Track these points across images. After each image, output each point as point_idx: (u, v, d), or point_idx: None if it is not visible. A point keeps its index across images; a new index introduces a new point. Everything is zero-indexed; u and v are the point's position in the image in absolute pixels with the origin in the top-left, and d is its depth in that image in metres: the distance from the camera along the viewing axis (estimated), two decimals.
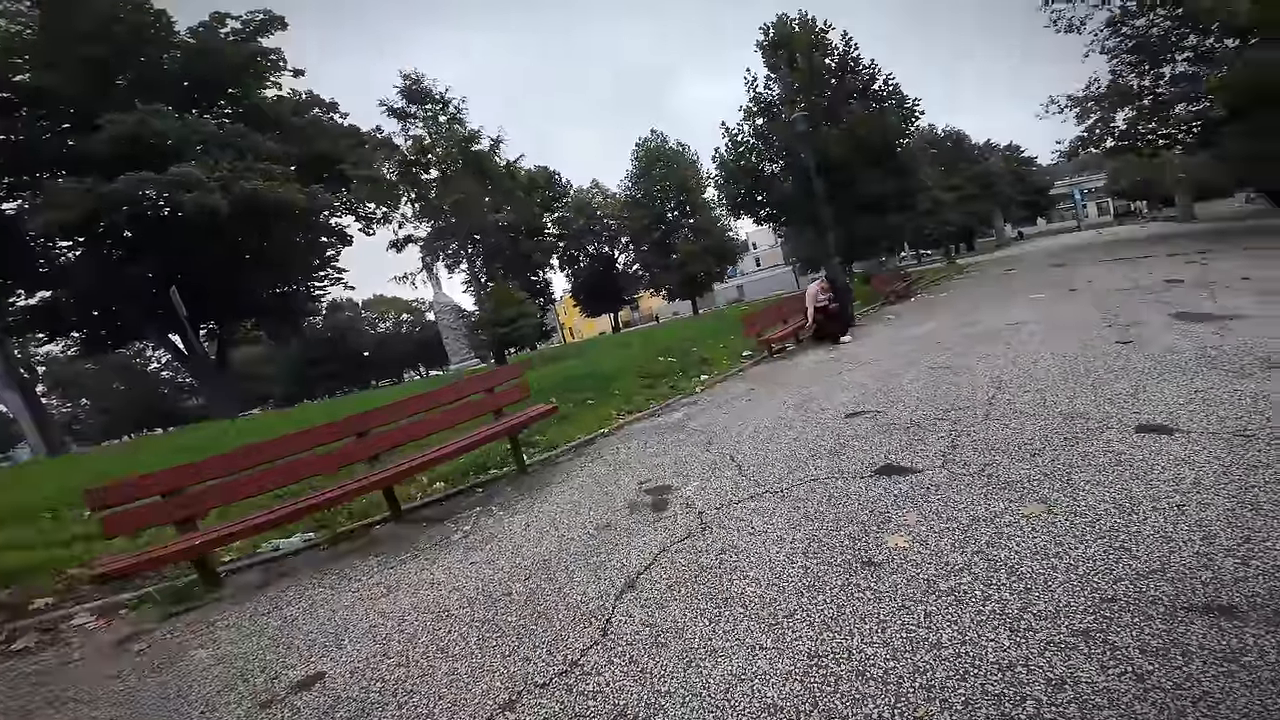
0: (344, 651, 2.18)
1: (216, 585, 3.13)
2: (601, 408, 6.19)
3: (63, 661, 2.57)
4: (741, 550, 2.32)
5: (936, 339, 6.62)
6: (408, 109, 19.54)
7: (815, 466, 3.12)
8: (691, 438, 4.36)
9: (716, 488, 3.12)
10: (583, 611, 2.11)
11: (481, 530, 3.29)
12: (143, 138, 17.57)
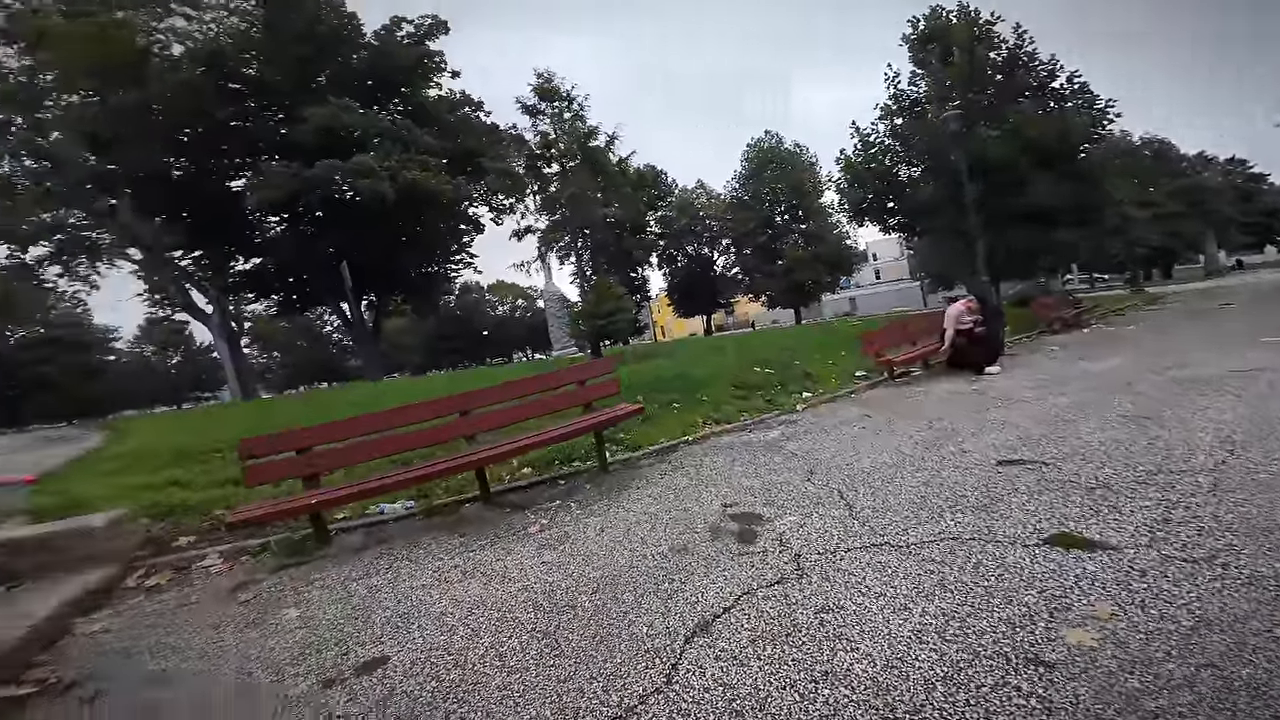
0: (411, 636, 2.16)
1: (326, 542, 3.39)
2: (687, 413, 5.89)
3: (180, 603, 2.80)
4: (849, 613, 1.91)
5: (1125, 380, 5.31)
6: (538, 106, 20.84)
7: (955, 521, 2.56)
8: (789, 462, 3.92)
9: (819, 528, 2.70)
10: (648, 646, 1.87)
11: (558, 526, 3.21)
12: (335, 129, 20.66)
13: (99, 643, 2.41)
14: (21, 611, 2.54)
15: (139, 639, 2.41)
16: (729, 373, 7.98)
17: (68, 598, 2.73)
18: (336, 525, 3.65)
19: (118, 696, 1.93)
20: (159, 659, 2.21)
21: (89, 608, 2.78)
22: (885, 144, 18.75)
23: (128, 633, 2.50)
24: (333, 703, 1.78)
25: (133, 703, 1.88)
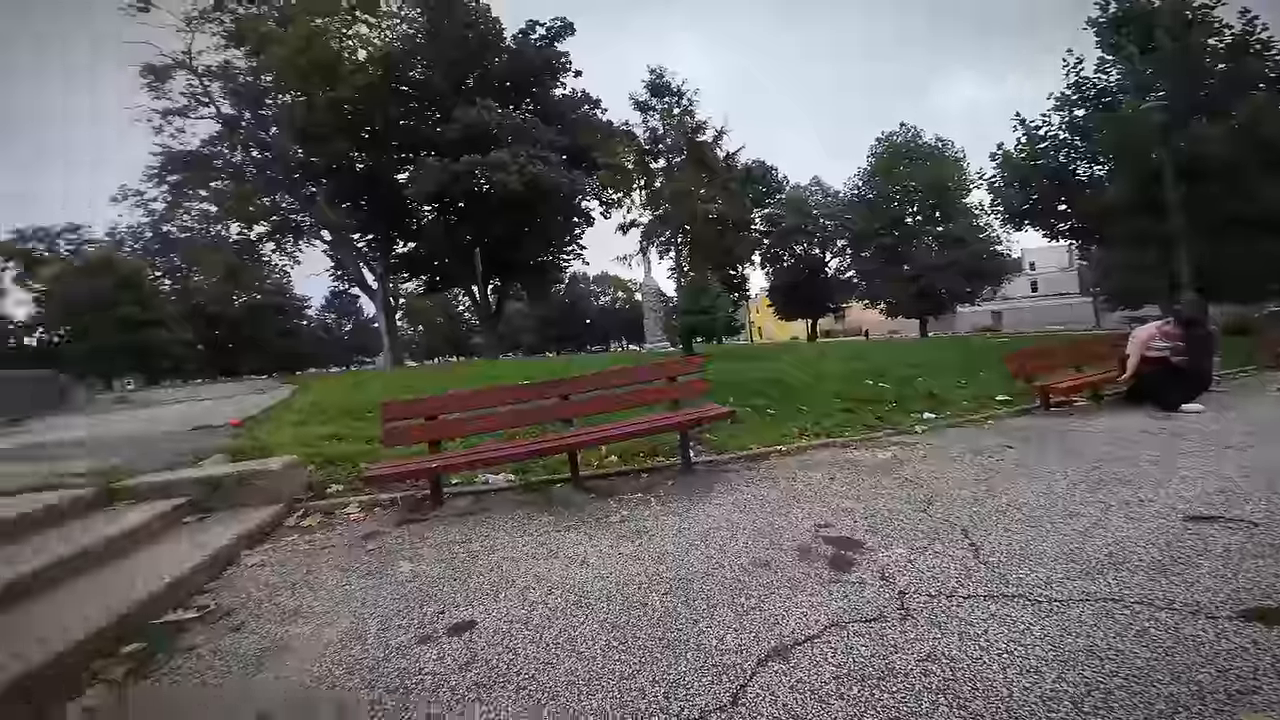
0: (498, 605, 2.27)
1: (440, 504, 3.74)
2: (782, 423, 5.55)
3: (323, 545, 3.11)
4: (961, 667, 1.65)
5: None
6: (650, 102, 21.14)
7: (1118, 581, 2.10)
8: (902, 488, 3.51)
9: (933, 565, 2.37)
10: (716, 661, 1.78)
11: (637, 519, 3.21)
12: (477, 128, 22.88)
13: (255, 576, 2.78)
14: (203, 541, 3.03)
15: (287, 575, 2.77)
16: (834, 383, 7.42)
17: (241, 531, 3.21)
18: (449, 490, 4.03)
19: (257, 629, 2.21)
20: (297, 595, 2.52)
21: (255, 541, 3.25)
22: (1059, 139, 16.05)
23: (279, 568, 2.87)
24: (424, 659, 1.91)
25: (268, 636, 2.15)
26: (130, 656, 1.99)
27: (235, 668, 1.93)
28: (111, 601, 2.25)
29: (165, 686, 1.86)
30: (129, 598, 2.29)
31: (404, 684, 1.77)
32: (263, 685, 1.83)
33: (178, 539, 3.13)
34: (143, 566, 2.68)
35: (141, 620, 2.23)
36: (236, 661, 1.97)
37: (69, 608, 2.20)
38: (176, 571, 2.58)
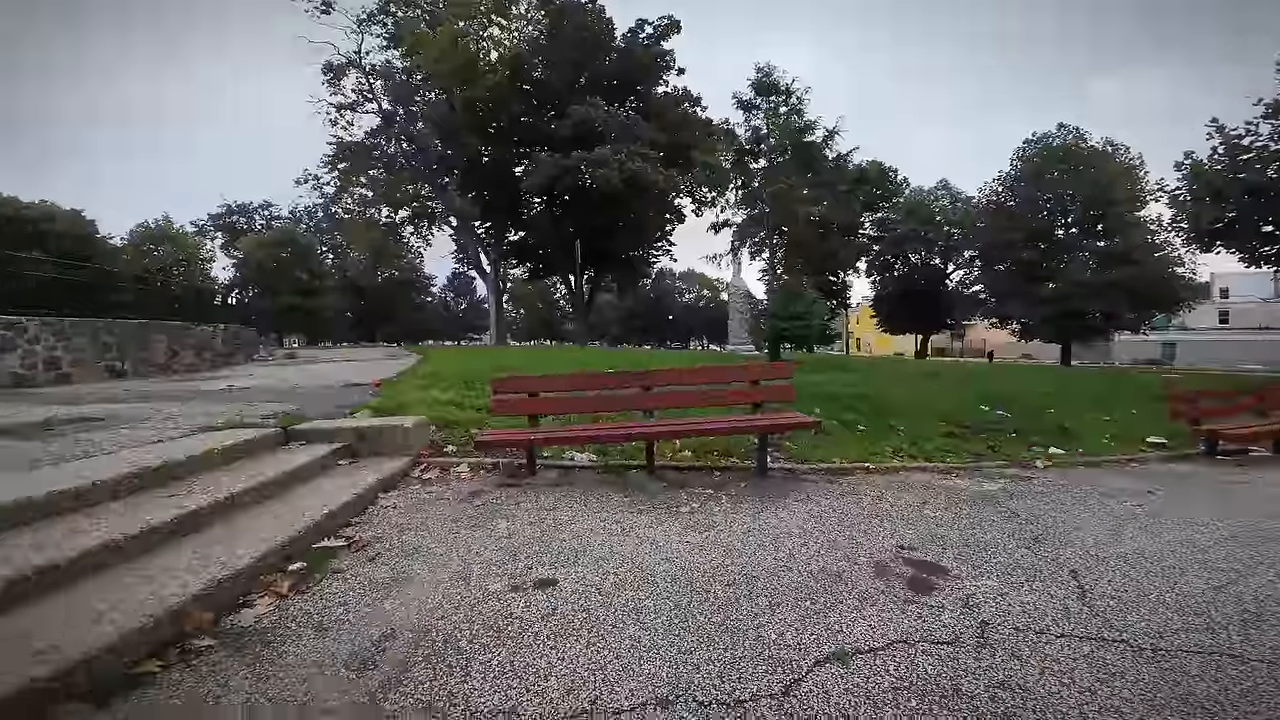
0: (576, 569, 2.52)
1: (533, 473, 4.11)
2: (873, 440, 5.26)
3: (439, 497, 3.52)
4: (1035, 698, 1.58)
5: None
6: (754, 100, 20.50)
7: (1242, 638, 1.86)
8: (1007, 522, 3.23)
9: (1027, 602, 2.21)
10: (772, 654, 1.85)
11: (706, 514, 3.30)
12: (586, 125, 23.89)
13: (387, 516, 3.29)
14: (352, 482, 3.63)
15: (411, 519, 3.25)
16: (940, 405, 6.84)
17: (380, 476, 3.78)
18: (541, 461, 4.41)
19: (387, 561, 2.65)
20: (418, 537, 2.96)
21: (389, 486, 3.83)
22: (1269, 149, 13.14)
23: (405, 512, 3.37)
24: (514, 605, 2.20)
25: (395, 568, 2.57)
26: (294, 574, 2.50)
27: (369, 591, 2.35)
28: (285, 526, 2.82)
29: (306, 603, 2.33)
30: (298, 524, 2.84)
31: (497, 624, 2.07)
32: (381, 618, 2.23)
33: (334, 478, 3.79)
34: (307, 499, 3.30)
35: (305, 544, 2.77)
36: (370, 586, 2.39)
37: (263, 524, 2.80)
38: (332, 506, 3.15)
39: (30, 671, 1.52)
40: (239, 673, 1.74)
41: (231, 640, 1.93)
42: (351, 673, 1.75)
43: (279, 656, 1.84)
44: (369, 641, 1.93)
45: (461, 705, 1.59)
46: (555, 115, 26.26)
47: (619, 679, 1.72)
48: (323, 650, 1.88)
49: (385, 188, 29.83)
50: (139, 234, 44.47)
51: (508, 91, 25.94)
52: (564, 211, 26.49)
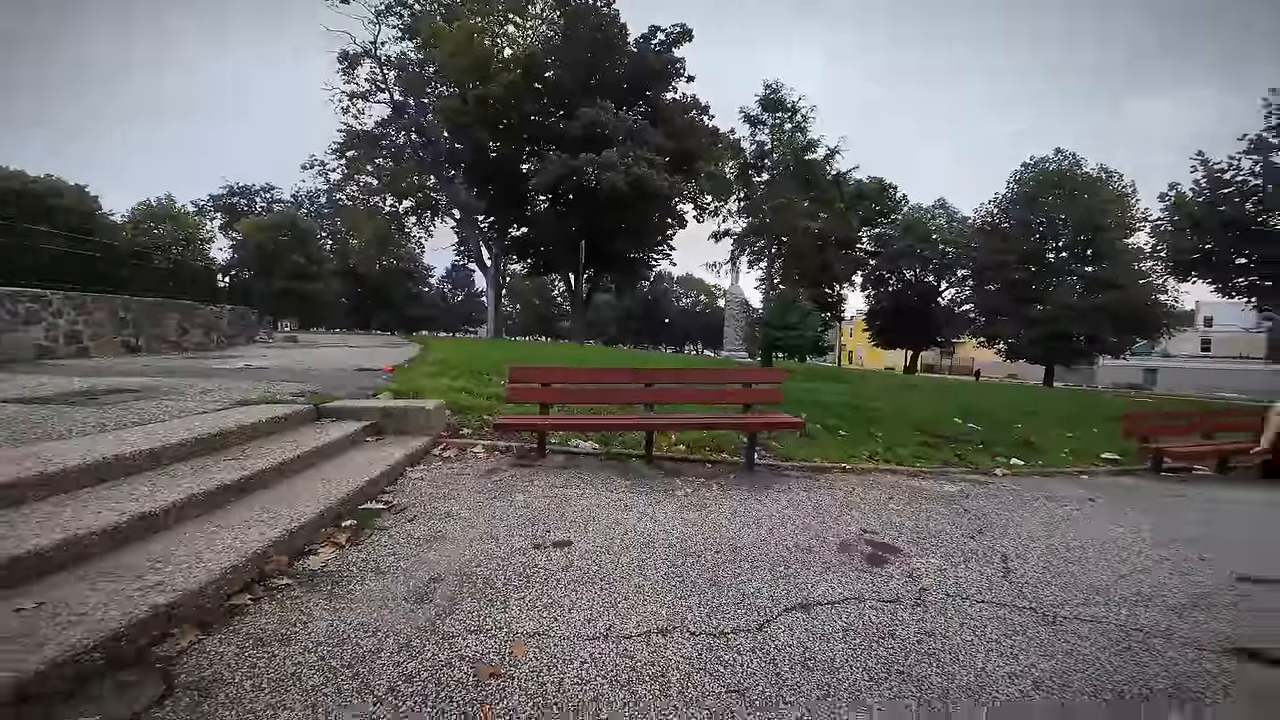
0: (588, 533, 2.98)
1: (543, 456, 4.56)
2: (853, 444, 5.76)
3: (460, 473, 3.97)
4: (953, 642, 2.03)
5: None
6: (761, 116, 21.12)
7: (1126, 611, 2.33)
8: (958, 517, 3.71)
9: (960, 576, 2.69)
10: (750, 601, 2.30)
11: (698, 498, 3.76)
12: (595, 127, 24.29)
13: (417, 486, 3.73)
14: (383, 456, 4.05)
15: (439, 488, 3.69)
16: (918, 416, 7.35)
17: (406, 452, 4.19)
18: (550, 447, 4.84)
19: (424, 522, 3.08)
20: (448, 504, 3.40)
21: (414, 461, 4.27)
22: (1248, 185, 13.83)
23: (432, 483, 3.81)
24: (537, 559, 2.64)
25: (431, 528, 3.00)
26: (348, 529, 2.92)
27: (413, 545, 2.77)
28: (334, 489, 3.22)
29: (362, 552, 2.74)
30: (345, 488, 3.25)
31: (526, 571, 2.50)
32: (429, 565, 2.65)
33: (366, 452, 4.20)
34: (346, 468, 3.71)
35: (353, 505, 3.19)
36: (413, 540, 2.82)
37: (314, 488, 3.20)
38: (371, 475, 3.56)
39: (152, 600, 1.87)
40: (319, 604, 2.15)
41: (305, 580, 2.34)
42: (411, 605, 2.17)
43: (348, 593, 2.25)
44: (421, 582, 2.36)
45: (505, 629, 2.02)
46: (565, 115, 26.63)
47: (627, 615, 2.16)
48: (384, 588, 2.30)
49: (391, 177, 30.05)
50: (140, 212, 44.30)
51: (520, 89, 26.27)
52: (568, 210, 26.86)
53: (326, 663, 1.77)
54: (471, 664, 1.79)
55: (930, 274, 35.28)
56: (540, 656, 1.85)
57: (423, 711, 1.56)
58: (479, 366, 8.70)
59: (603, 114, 24.12)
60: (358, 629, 1.98)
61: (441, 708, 1.58)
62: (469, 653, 1.85)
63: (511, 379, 4.72)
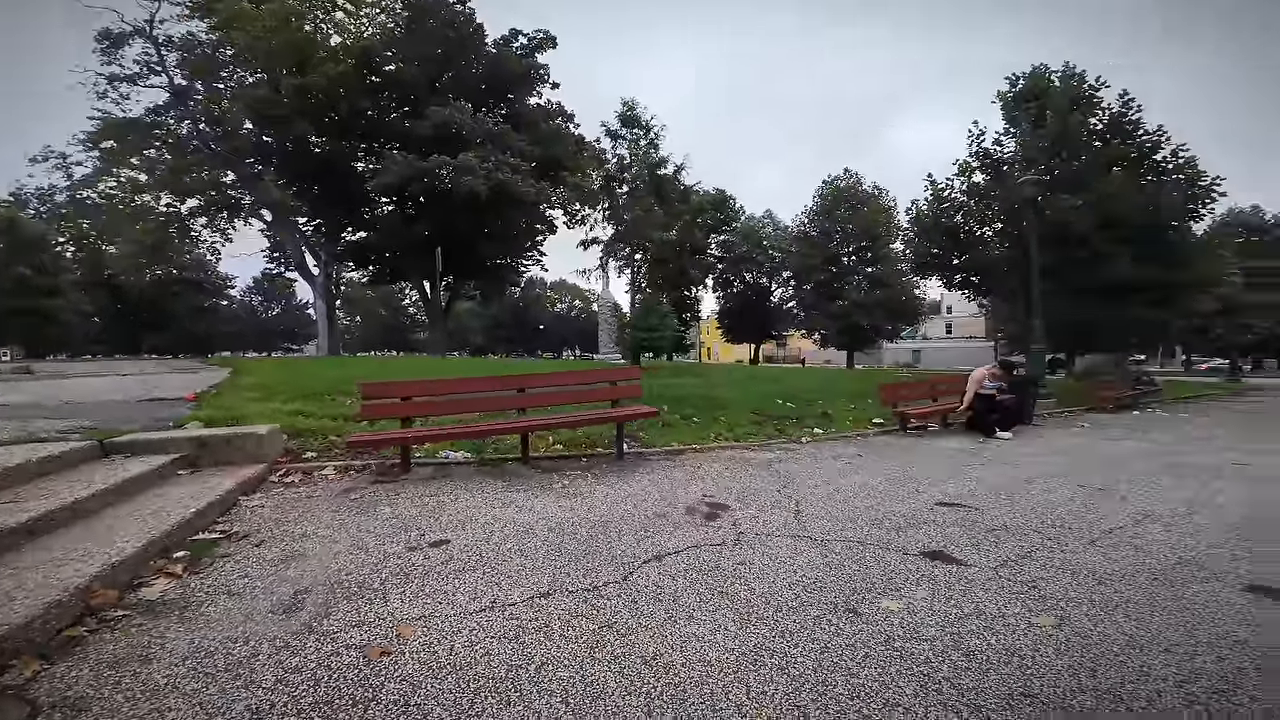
0: (465, 531, 3.18)
1: (407, 471, 4.51)
2: (703, 429, 6.73)
3: (309, 495, 3.82)
4: (755, 568, 2.73)
5: (1117, 459, 5.75)
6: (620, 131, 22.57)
7: (867, 533, 3.30)
8: (772, 478, 4.68)
9: (766, 520, 3.50)
10: (617, 560, 2.78)
11: (574, 488, 4.18)
12: (448, 127, 23.09)
13: (258, 513, 3.48)
14: (207, 487, 3.65)
15: (286, 513, 3.50)
16: (752, 401, 8.70)
17: (236, 482, 3.84)
18: (414, 460, 4.78)
19: (276, 545, 2.96)
20: (301, 525, 3.28)
21: (248, 490, 3.92)
22: (959, 200, 18.68)
23: (278, 508, 3.59)
24: (414, 559, 2.78)
25: (288, 548, 2.91)
26: (182, 560, 2.70)
27: (268, 566, 2.68)
28: (153, 524, 2.90)
29: (206, 579, 2.58)
30: (166, 522, 2.94)
31: (404, 570, 2.63)
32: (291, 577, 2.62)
33: (183, 485, 3.73)
34: (161, 503, 3.31)
35: (180, 537, 2.92)
36: (266, 562, 2.73)
37: (126, 525, 2.85)
38: (197, 506, 3.24)
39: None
40: (171, 628, 2.07)
41: (145, 609, 2.21)
42: (280, 616, 2.19)
43: (202, 615, 2.19)
44: (286, 596, 2.36)
45: (388, 618, 2.18)
46: (411, 114, 24.72)
47: (511, 589, 2.46)
48: (244, 607, 2.27)
49: (170, 171, 24.74)
50: None
51: (353, 82, 23.65)
52: (419, 214, 24.95)
53: (201, 670, 1.81)
54: (359, 649, 1.95)
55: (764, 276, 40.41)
56: (429, 633, 2.07)
57: (318, 690, 1.70)
58: (315, 387, 7.93)
59: (458, 114, 22.96)
60: (225, 642, 1.99)
61: (336, 685, 1.73)
62: (354, 641, 2.00)
63: (365, 395, 4.57)
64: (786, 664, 1.90)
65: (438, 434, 4.56)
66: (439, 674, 1.81)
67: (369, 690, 1.71)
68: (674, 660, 1.91)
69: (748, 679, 1.81)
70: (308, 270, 28.15)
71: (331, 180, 25.71)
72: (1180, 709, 1.68)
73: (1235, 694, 1.74)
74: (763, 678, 1.81)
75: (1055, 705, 1.67)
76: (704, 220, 34.49)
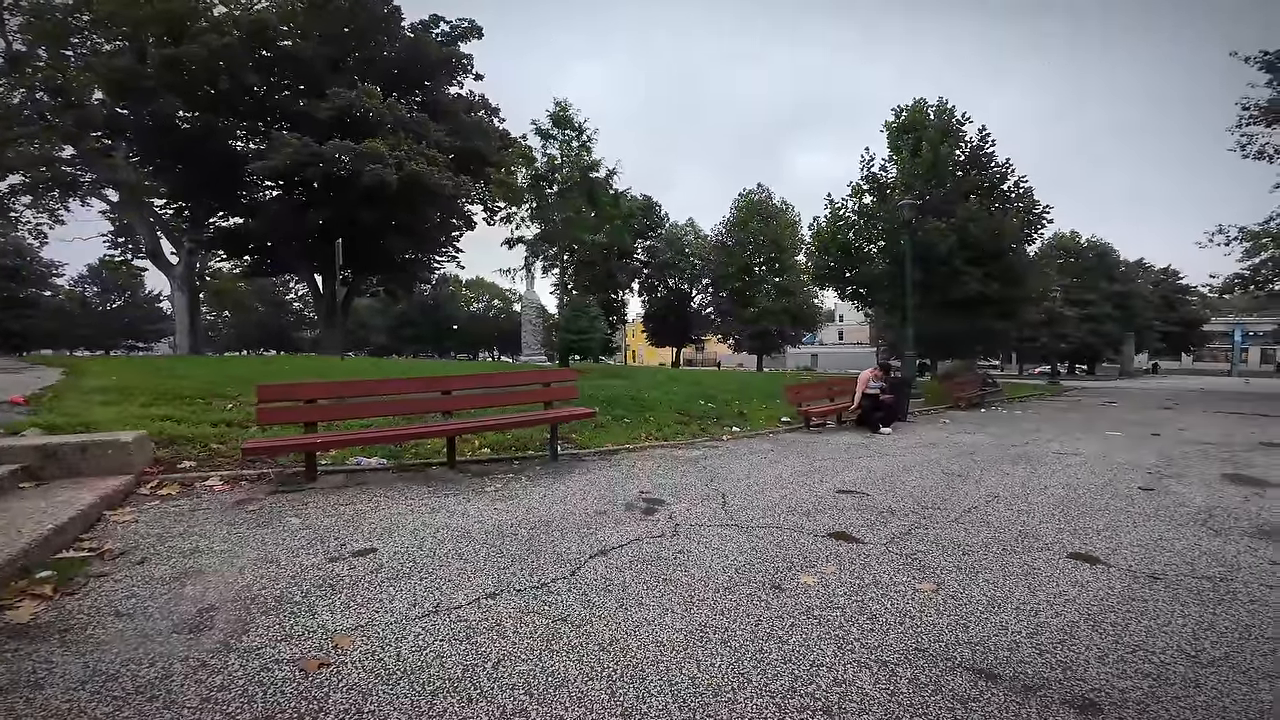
0: (393, 539, 3.03)
1: (313, 479, 4.15)
2: (633, 429, 6.92)
3: (194, 509, 3.45)
4: (693, 555, 2.92)
5: (972, 450, 6.75)
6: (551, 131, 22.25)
7: (784, 519, 3.65)
8: (700, 473, 4.96)
9: (699, 512, 3.72)
10: (563, 558, 2.83)
11: (509, 490, 4.12)
12: (352, 111, 21.16)
13: (131, 529, 3.06)
14: (61, 502, 3.13)
15: (167, 528, 3.09)
16: (677, 402, 9.04)
17: (97, 496, 3.32)
18: (322, 467, 4.41)
19: (163, 561, 2.63)
20: (189, 540, 2.92)
21: (114, 504, 3.41)
22: (852, 220, 20.71)
23: (156, 523, 3.17)
24: (338, 570, 2.61)
25: (177, 565, 2.59)
26: (48, 580, 2.31)
27: (157, 584, 2.38)
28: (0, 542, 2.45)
29: (84, 600, 2.23)
30: (18, 540, 2.51)
31: (328, 582, 2.47)
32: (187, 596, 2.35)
33: (28, 500, 3.16)
34: (9, 518, 2.80)
35: (40, 557, 2.51)
36: (156, 580, 2.42)
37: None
38: (54, 522, 2.79)
39: None
40: (55, 652, 1.82)
41: (17, 632, 1.92)
42: (188, 635, 1.98)
43: (90, 638, 1.93)
44: (189, 614, 2.14)
45: (319, 630, 2.05)
46: (309, 93, 22.26)
47: (454, 592, 2.42)
48: (137, 627, 2.02)
49: None
50: None
51: (238, 55, 20.77)
52: (312, 201, 22.48)
53: (108, 694, 1.62)
54: (292, 663, 1.83)
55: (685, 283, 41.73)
56: (370, 641, 1.99)
57: (254, 706, 1.59)
58: (183, 390, 6.97)
59: (365, 99, 21.05)
60: (127, 664, 1.79)
61: (274, 700, 1.63)
62: (284, 656, 1.87)
63: (261, 398, 4.15)
64: (728, 638, 2.08)
65: (352, 438, 4.25)
66: (389, 679, 1.75)
67: (313, 703, 1.62)
68: (629, 644, 2.01)
69: (696, 654, 1.96)
70: (163, 258, 24.32)
71: (201, 159, 22.45)
72: (1035, 656, 2.08)
73: (1073, 643, 2.12)
74: (709, 652, 1.98)
75: (941, 657, 2.00)
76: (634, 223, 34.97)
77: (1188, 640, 2.16)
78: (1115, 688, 1.83)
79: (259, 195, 24.39)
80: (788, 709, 1.67)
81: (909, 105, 20.59)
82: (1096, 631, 2.22)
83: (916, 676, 1.86)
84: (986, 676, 1.87)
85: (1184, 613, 2.40)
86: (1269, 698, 1.79)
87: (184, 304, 25.02)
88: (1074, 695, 1.78)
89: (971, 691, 1.78)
